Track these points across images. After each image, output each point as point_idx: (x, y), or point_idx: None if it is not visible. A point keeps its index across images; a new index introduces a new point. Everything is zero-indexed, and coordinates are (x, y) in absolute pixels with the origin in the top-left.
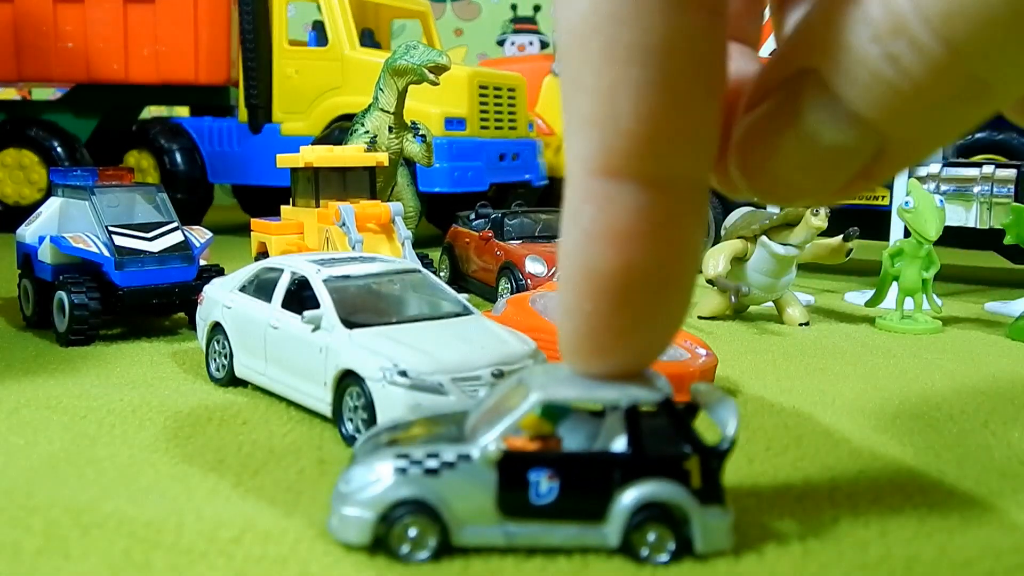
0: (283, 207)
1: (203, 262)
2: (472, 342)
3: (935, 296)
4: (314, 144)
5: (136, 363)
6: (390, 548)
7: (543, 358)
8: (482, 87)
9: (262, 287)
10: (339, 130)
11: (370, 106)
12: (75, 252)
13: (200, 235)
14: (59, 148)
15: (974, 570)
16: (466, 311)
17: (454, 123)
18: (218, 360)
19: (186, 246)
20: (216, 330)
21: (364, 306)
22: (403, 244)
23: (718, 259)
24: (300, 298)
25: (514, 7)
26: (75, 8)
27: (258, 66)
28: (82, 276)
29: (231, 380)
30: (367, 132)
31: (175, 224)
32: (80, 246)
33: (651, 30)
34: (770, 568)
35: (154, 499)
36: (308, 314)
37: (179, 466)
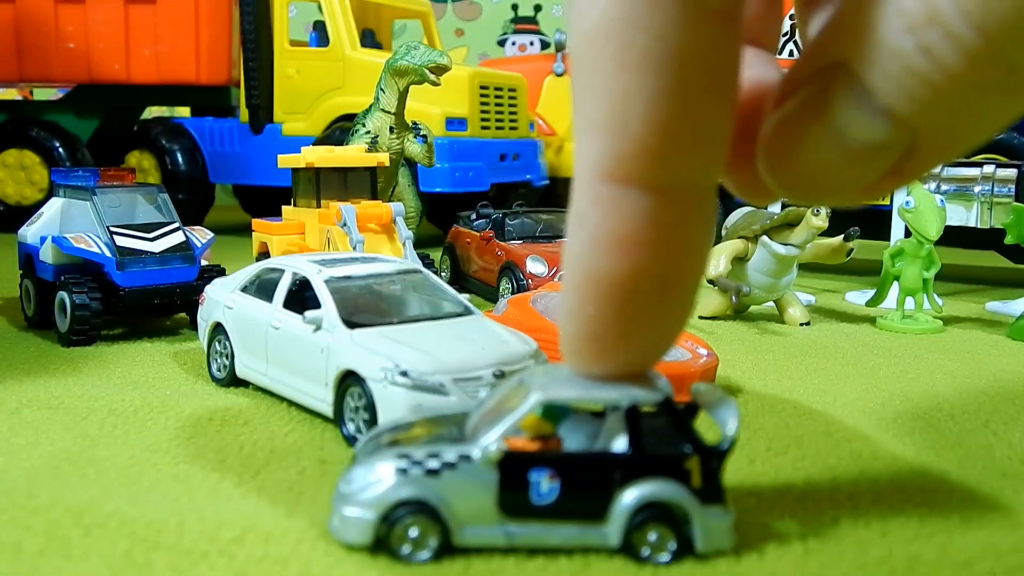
0: (284, 207)
1: (204, 262)
2: (473, 342)
3: (936, 296)
4: (315, 144)
5: (137, 363)
6: (391, 548)
7: (544, 358)
8: (483, 87)
9: (263, 287)
10: (340, 130)
11: (371, 106)
12: (76, 252)
13: (201, 235)
14: (60, 148)
15: (975, 570)
16: (467, 311)
17: (455, 123)
18: (219, 360)
19: (187, 246)
20: (217, 330)
21: (365, 306)
22: (404, 244)
23: (719, 259)
24: (301, 298)
25: (515, 7)
26: (76, 8)
27: (259, 66)
28: (83, 276)
29: (232, 380)
30: (368, 132)
31: (176, 224)
32: (81, 246)
33: (665, 37)
34: (771, 568)
35: (155, 499)
36: (309, 314)
37: (180, 466)
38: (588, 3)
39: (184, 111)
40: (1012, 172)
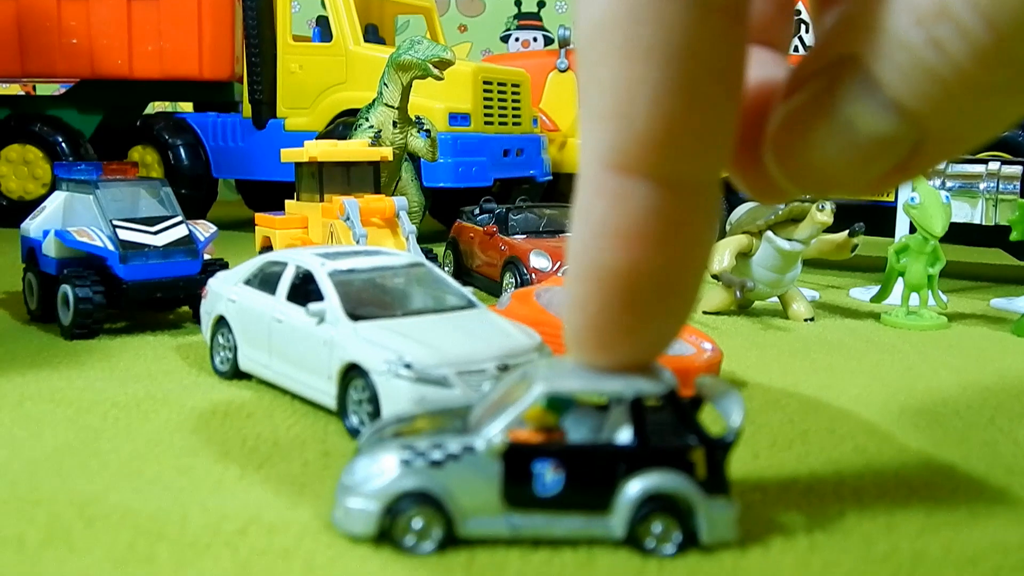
0: (287, 201)
1: (207, 256)
2: (477, 335)
3: (940, 293)
4: (318, 139)
5: (140, 357)
6: (395, 540)
7: (548, 352)
8: (486, 82)
9: (266, 280)
10: (343, 125)
11: (374, 101)
12: (79, 246)
13: (204, 229)
14: (63, 143)
15: (981, 566)
16: (471, 305)
17: (458, 119)
18: (222, 353)
19: (190, 240)
20: (220, 323)
21: (369, 299)
22: (407, 239)
23: (723, 254)
24: (304, 291)
25: (518, 3)
26: (79, 4)
27: (262, 61)
28: (86, 270)
29: (235, 373)
30: (371, 127)
31: (179, 218)
32: (84, 240)
33: (671, 30)
34: (776, 561)
35: (158, 492)
36: (313, 307)
37: (183, 459)
38: None
39: (187, 106)
40: (1017, 169)
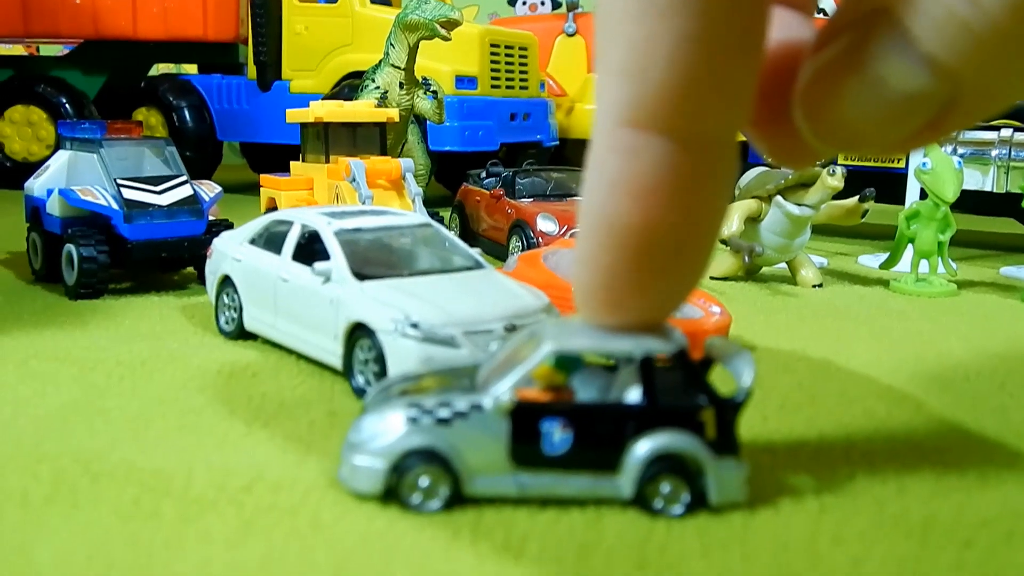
0: (292, 163)
1: (212, 217)
2: (484, 296)
3: (950, 260)
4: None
5: (145, 317)
6: (401, 498)
7: (556, 313)
8: (493, 45)
9: (272, 240)
10: (349, 88)
11: (381, 62)
12: (83, 205)
13: (209, 189)
14: (67, 105)
15: (993, 529)
16: (478, 265)
17: (465, 81)
18: (227, 313)
19: (195, 200)
20: (226, 283)
21: (375, 259)
22: (413, 200)
23: (732, 219)
24: (310, 251)
25: None
26: None
27: (267, 23)
28: (91, 229)
29: (240, 333)
30: (378, 88)
31: (184, 178)
32: (88, 199)
33: None
34: (786, 522)
35: (163, 449)
36: (319, 266)
37: (188, 417)
38: None
39: (191, 69)
40: None
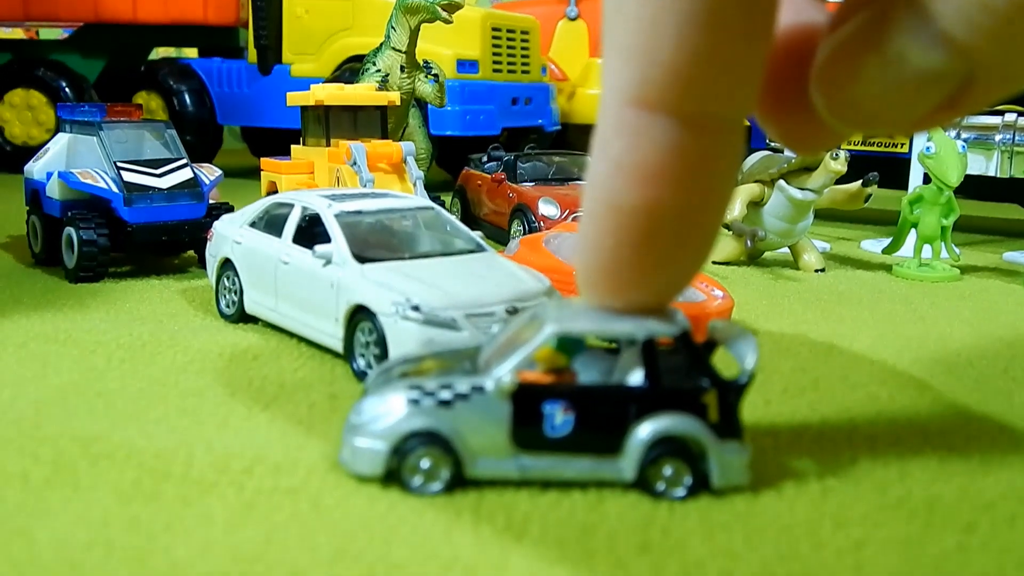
0: (293, 146)
1: (212, 201)
2: (486, 279)
3: (953, 245)
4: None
5: (145, 300)
6: (402, 480)
7: (558, 296)
8: (495, 29)
9: (273, 222)
10: (350, 71)
11: (382, 45)
12: (83, 188)
13: (209, 172)
14: (67, 88)
15: (997, 511)
16: (479, 248)
17: (466, 65)
18: (228, 296)
19: (195, 183)
20: (226, 266)
21: (376, 241)
22: (414, 184)
23: (734, 203)
24: (311, 233)
25: None
26: None
27: (268, 6)
28: (90, 212)
29: (241, 317)
30: (379, 71)
31: (184, 161)
32: (88, 182)
33: None
34: (789, 506)
35: (164, 431)
36: (319, 249)
37: (189, 399)
38: None
39: (191, 52)
40: None
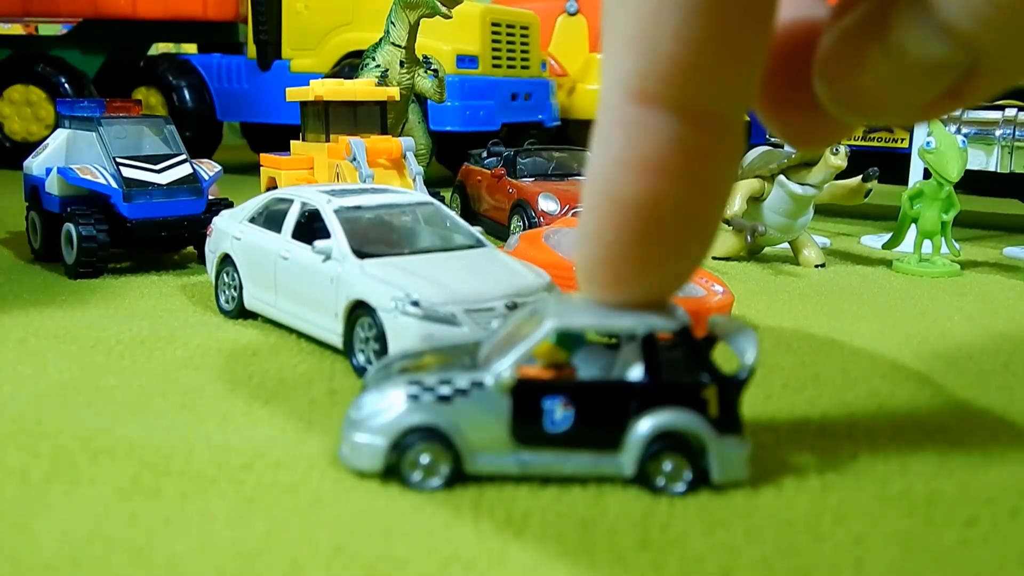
0: (293, 142)
1: (212, 196)
2: (485, 274)
3: (954, 240)
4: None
5: (145, 296)
6: (402, 475)
7: (557, 291)
8: (495, 24)
9: (272, 218)
10: (349, 67)
11: (381, 40)
12: (83, 184)
13: (209, 168)
14: (66, 84)
15: (997, 507)
16: (479, 243)
17: (466, 61)
18: (227, 292)
19: (195, 179)
20: (225, 262)
21: (376, 237)
22: (414, 180)
23: (734, 198)
24: (311, 229)
25: None
26: None
27: (267, 1)
28: (90, 208)
29: (241, 312)
30: (378, 66)
31: (183, 156)
32: (88, 177)
33: None
34: (789, 501)
35: (164, 427)
36: (319, 244)
37: (189, 395)
38: None
39: (191, 48)
40: None
